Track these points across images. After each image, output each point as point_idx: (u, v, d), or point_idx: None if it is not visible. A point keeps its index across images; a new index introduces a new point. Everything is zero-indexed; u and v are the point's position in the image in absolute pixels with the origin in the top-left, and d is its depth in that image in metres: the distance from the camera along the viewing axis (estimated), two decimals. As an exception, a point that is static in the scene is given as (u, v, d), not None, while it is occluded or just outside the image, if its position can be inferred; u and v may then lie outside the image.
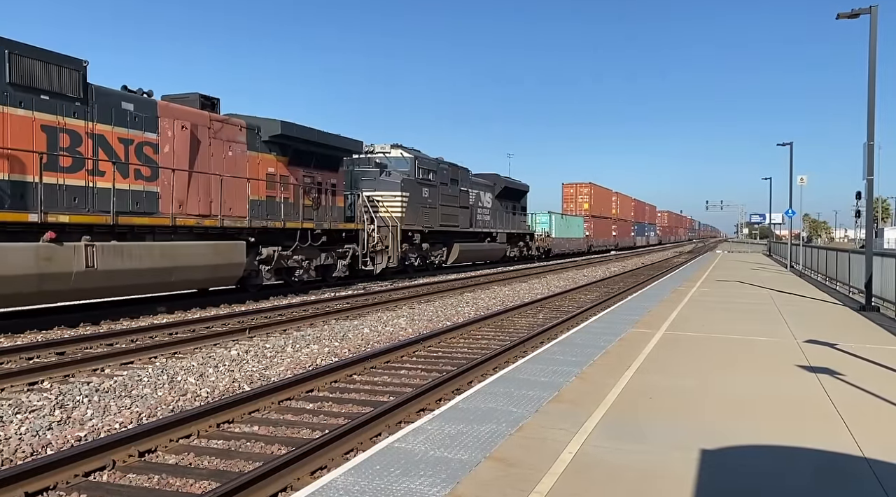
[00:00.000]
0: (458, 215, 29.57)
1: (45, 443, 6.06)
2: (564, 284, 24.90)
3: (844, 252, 21.00)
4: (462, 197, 30.44)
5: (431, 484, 4.22)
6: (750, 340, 9.93)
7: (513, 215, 38.64)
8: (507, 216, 37.36)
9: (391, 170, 25.45)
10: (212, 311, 15.09)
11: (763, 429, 5.47)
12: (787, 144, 33.98)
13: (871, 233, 16.73)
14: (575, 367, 7.82)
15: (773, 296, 17.29)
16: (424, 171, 26.92)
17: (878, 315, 13.68)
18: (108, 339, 11.00)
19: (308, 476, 5.26)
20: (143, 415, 7.01)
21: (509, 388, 6.77)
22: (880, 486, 4.27)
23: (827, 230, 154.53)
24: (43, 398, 7.43)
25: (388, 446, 4.97)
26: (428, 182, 26.99)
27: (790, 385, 7.07)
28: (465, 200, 30.81)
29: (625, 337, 10.08)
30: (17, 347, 9.88)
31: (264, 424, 6.77)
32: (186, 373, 8.83)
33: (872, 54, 14.57)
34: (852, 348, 9.25)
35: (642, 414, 5.87)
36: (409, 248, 25.34)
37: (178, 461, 5.75)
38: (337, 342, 11.46)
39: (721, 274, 26.31)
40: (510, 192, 38.31)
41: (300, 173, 19.28)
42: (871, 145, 14.72)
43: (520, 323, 14.40)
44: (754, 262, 37.70)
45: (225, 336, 11.56)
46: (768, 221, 60.90)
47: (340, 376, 8.75)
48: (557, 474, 4.39)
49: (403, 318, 14.71)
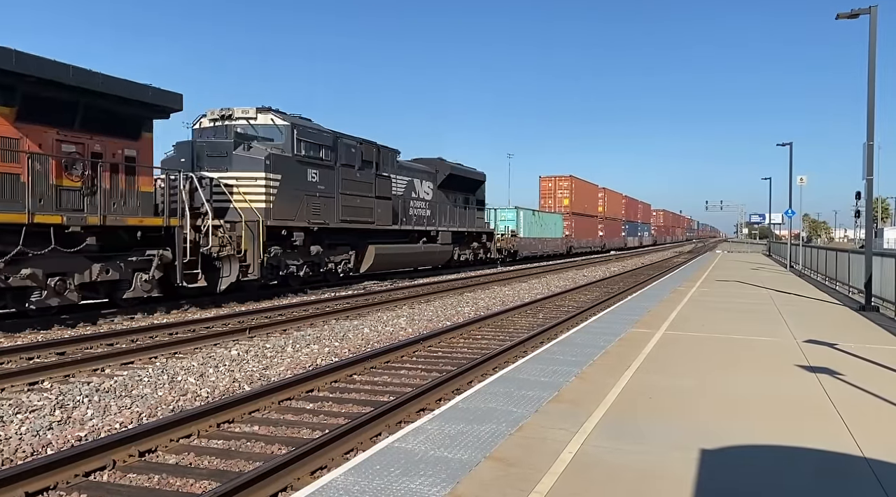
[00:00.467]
0: (372, 208, 22.28)
1: (46, 443, 6.07)
2: (564, 284, 24.91)
3: (844, 252, 21.01)
4: (381, 185, 22.95)
5: (431, 484, 4.22)
6: (750, 340, 9.93)
7: (464, 210, 31.63)
8: (454, 211, 30.33)
9: (255, 144, 17.98)
10: (212, 311, 15.08)
11: (763, 429, 5.47)
12: (787, 144, 33.99)
13: (871, 233, 16.73)
14: (575, 366, 7.82)
15: (772, 296, 17.30)
16: (311, 147, 19.19)
17: (878, 315, 13.68)
18: (108, 339, 11.00)
19: (308, 476, 5.26)
20: (143, 415, 7.02)
21: (509, 388, 6.77)
22: (880, 486, 4.28)
23: (827, 230, 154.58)
24: (43, 398, 7.43)
25: (388, 446, 4.98)
26: (318, 162, 19.39)
27: (790, 385, 7.07)
28: (386, 189, 23.37)
29: (625, 337, 10.08)
30: (17, 347, 9.88)
31: (264, 424, 6.77)
32: (187, 373, 8.83)
33: (872, 54, 14.57)
34: (852, 348, 9.26)
35: (642, 414, 5.88)
36: (288, 253, 18.45)
37: (179, 461, 5.75)
38: (337, 342, 11.46)
39: (721, 274, 26.31)
40: (459, 182, 30.96)
41: (48, 135, 12.26)
42: (871, 145, 14.73)
43: (520, 323, 14.40)
44: (754, 262, 37.71)
45: (225, 336, 11.57)
46: (768, 221, 60.84)
47: (340, 376, 8.76)
48: (557, 474, 4.39)
49: (403, 318, 14.71)
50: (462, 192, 31.79)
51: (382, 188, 23.18)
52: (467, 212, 32.08)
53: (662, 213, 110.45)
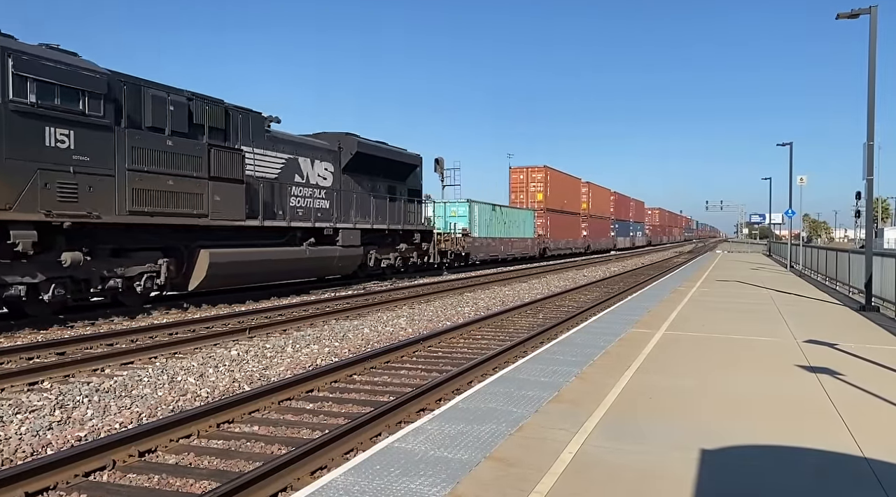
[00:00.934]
0: (204, 195, 15.55)
1: (46, 443, 6.07)
2: (564, 284, 24.91)
3: (844, 252, 21.00)
4: (223, 160, 16.13)
5: (431, 484, 4.22)
6: (750, 340, 9.93)
7: (386, 202, 24.48)
8: (369, 202, 23.29)
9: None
10: (212, 311, 15.09)
11: (763, 429, 5.47)
12: (787, 144, 34.01)
13: (871, 233, 16.73)
14: (575, 367, 7.82)
15: (773, 296, 17.29)
16: (54, 92, 12.26)
17: (878, 315, 13.68)
18: (108, 339, 11.00)
19: (308, 476, 5.26)
20: (143, 415, 7.02)
21: (509, 388, 6.77)
22: (880, 486, 4.27)
23: (827, 230, 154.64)
24: (43, 398, 7.43)
25: (388, 446, 4.98)
26: (70, 116, 12.52)
27: (790, 385, 7.07)
28: (235, 167, 16.50)
29: (625, 337, 10.08)
30: (17, 347, 9.88)
31: (264, 424, 6.77)
32: (186, 373, 8.83)
33: (872, 54, 14.57)
34: (852, 348, 9.25)
35: (642, 414, 5.87)
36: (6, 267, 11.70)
37: (179, 461, 5.75)
38: (337, 342, 11.46)
39: (721, 274, 26.31)
40: (377, 165, 23.80)
41: None
42: (871, 145, 14.73)
43: (520, 323, 14.40)
44: (754, 262, 37.71)
45: (225, 336, 11.57)
46: (768, 221, 60.88)
47: (340, 376, 8.75)
48: (557, 474, 4.39)
49: (403, 318, 14.71)
50: (384, 178, 24.67)
51: (225, 165, 16.15)
52: (393, 204, 25.01)
53: (658, 212, 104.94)
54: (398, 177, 25.70)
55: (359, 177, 22.94)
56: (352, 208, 22.30)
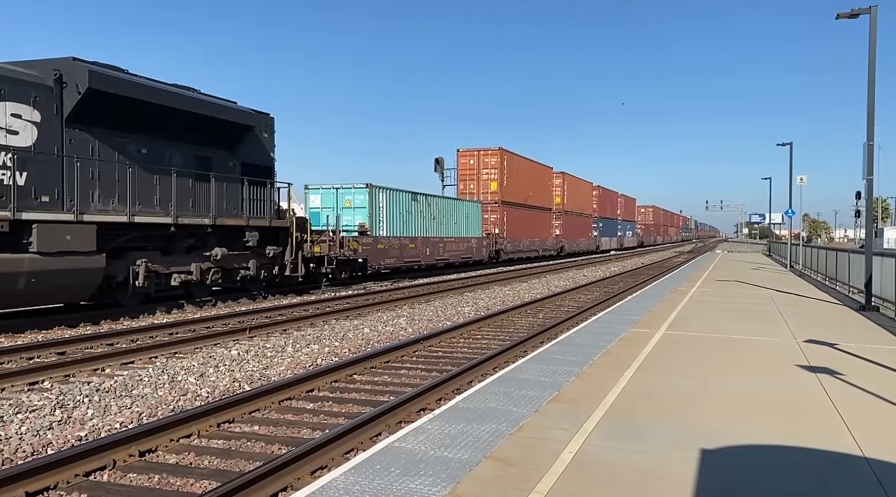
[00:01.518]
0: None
1: (46, 442, 6.07)
2: (564, 284, 24.92)
3: (844, 252, 21.01)
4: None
5: (432, 483, 4.22)
6: (750, 340, 9.93)
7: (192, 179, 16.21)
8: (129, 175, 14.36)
9: None
10: (212, 311, 15.10)
11: (763, 429, 5.47)
12: (787, 144, 34.00)
13: (871, 233, 16.73)
14: (575, 366, 7.82)
15: (773, 296, 17.29)
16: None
17: (878, 315, 13.68)
18: (108, 338, 11.01)
19: (308, 476, 5.26)
20: (143, 414, 7.02)
21: (509, 388, 6.77)
22: (880, 486, 4.28)
23: (827, 230, 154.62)
24: (43, 398, 7.43)
25: (389, 446, 4.98)
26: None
27: (790, 385, 7.07)
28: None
29: (625, 337, 10.08)
30: (17, 347, 9.88)
31: (265, 424, 6.77)
32: (187, 373, 8.84)
33: (872, 54, 14.57)
34: (852, 348, 9.26)
35: (642, 414, 5.88)
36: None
37: (179, 461, 5.75)
38: (337, 342, 11.46)
39: (721, 274, 26.31)
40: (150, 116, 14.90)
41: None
42: (871, 145, 14.74)
43: (520, 323, 14.40)
44: (754, 262, 37.71)
45: (225, 336, 11.57)
46: (768, 221, 60.87)
47: (341, 376, 8.76)
48: (557, 474, 4.39)
49: (404, 317, 14.72)
50: (180, 141, 16.04)
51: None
52: (208, 186, 16.61)
53: (652, 210, 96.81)
54: (214, 143, 17.06)
55: (107, 134, 14.14)
56: (94, 189, 13.75)
